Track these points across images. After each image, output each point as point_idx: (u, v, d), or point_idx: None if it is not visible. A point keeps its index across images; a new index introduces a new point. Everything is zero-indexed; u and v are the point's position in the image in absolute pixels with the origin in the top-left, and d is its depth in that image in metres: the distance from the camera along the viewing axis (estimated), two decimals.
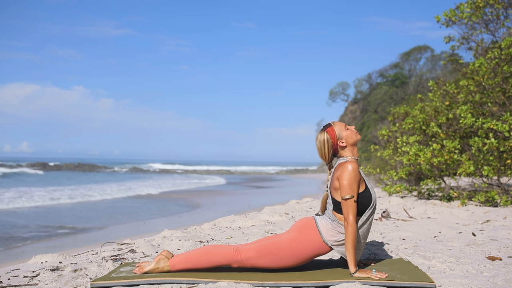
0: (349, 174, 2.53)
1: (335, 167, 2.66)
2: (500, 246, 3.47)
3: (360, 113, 53.08)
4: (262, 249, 2.57)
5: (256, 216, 5.70)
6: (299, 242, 2.56)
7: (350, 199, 2.50)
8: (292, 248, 2.56)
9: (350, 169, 2.53)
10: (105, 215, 10.86)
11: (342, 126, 2.70)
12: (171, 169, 54.70)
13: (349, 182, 2.51)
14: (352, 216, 2.49)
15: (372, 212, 2.61)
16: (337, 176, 2.57)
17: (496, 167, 6.50)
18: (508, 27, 8.80)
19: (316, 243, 2.57)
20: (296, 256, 2.57)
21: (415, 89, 41.49)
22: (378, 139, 14.49)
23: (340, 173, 2.55)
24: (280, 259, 2.56)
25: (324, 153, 2.69)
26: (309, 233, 2.58)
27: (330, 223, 2.60)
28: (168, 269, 2.58)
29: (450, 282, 2.44)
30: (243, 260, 2.57)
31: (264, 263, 2.57)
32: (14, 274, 2.70)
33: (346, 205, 2.51)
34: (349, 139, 2.68)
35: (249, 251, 2.57)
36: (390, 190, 8.16)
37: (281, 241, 2.58)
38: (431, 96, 8.42)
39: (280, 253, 2.56)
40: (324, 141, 2.68)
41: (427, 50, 47.85)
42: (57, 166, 52.10)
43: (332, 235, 2.57)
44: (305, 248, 2.57)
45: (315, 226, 2.60)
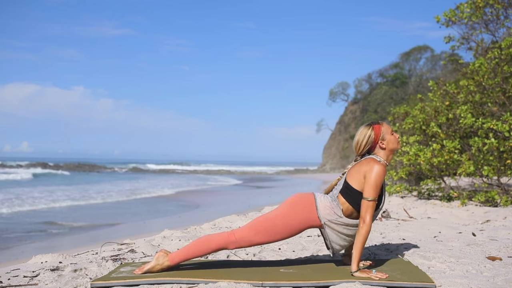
0: (378, 176, 2.55)
1: (364, 159, 2.66)
2: (500, 246, 3.47)
3: (360, 113, 53.07)
4: (256, 227, 2.62)
5: (256, 216, 5.70)
6: (292, 216, 2.61)
7: (372, 201, 2.53)
8: (286, 223, 2.61)
9: (380, 172, 2.56)
10: (106, 215, 10.87)
11: (389, 129, 2.71)
12: (170, 169, 54.68)
13: (376, 184, 2.54)
14: (369, 217, 2.52)
15: (376, 214, 2.66)
16: (364, 172, 2.58)
17: (496, 167, 6.51)
18: (508, 27, 8.81)
19: (310, 217, 2.62)
20: (290, 230, 2.62)
21: (415, 89, 41.50)
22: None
23: (369, 172, 2.56)
24: (275, 234, 2.62)
25: (360, 146, 2.70)
26: (304, 207, 2.62)
27: (329, 202, 2.64)
28: (167, 264, 2.61)
29: (450, 282, 2.44)
30: (238, 240, 2.62)
31: (259, 240, 2.62)
32: (14, 274, 2.70)
33: (366, 205, 2.53)
34: (390, 144, 2.69)
35: (243, 231, 2.63)
36: (390, 190, 8.16)
37: (274, 217, 2.63)
38: (431, 96, 8.42)
39: (274, 229, 2.61)
40: (366, 135, 2.68)
41: (427, 50, 47.87)
42: (57, 166, 52.09)
43: (328, 214, 2.61)
44: (298, 222, 2.61)
45: (313, 202, 2.64)
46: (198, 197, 14.87)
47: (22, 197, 14.91)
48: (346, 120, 55.86)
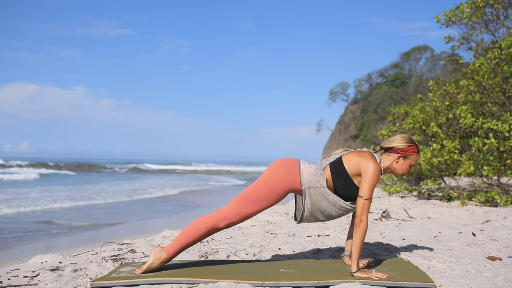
0: (375, 177, 2.57)
1: (366, 152, 2.69)
2: (500, 246, 3.47)
3: (360, 113, 53.09)
4: (242, 200, 2.65)
5: (256, 216, 5.70)
6: (275, 181, 2.64)
7: (368, 200, 2.55)
8: (269, 188, 2.64)
9: (376, 171, 2.58)
10: (106, 215, 10.87)
11: (414, 160, 2.73)
12: (170, 169, 54.66)
13: (373, 183, 2.58)
14: (366, 216, 2.54)
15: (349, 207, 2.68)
16: (362, 166, 2.59)
17: (496, 167, 6.51)
18: (508, 27, 8.81)
19: (292, 181, 2.64)
20: (274, 195, 2.64)
21: (415, 89, 41.49)
22: (378, 139, 14.50)
23: (367, 170, 2.57)
24: (261, 202, 2.64)
25: (390, 142, 2.73)
26: (286, 171, 2.65)
27: (315, 170, 2.67)
28: (165, 256, 2.63)
29: (450, 282, 2.44)
30: (227, 216, 2.64)
31: (247, 211, 2.64)
32: (14, 274, 2.70)
33: (363, 204, 2.55)
34: (400, 167, 2.73)
35: (230, 206, 2.66)
36: (390, 190, 8.16)
37: (258, 185, 2.66)
38: (431, 96, 8.43)
39: (259, 197, 2.64)
40: (403, 141, 2.70)
41: (427, 50, 47.89)
42: (57, 166, 52.09)
43: (309, 180, 2.63)
44: (281, 186, 2.64)
45: (297, 166, 2.67)
46: (198, 197, 14.88)
47: (28, 197, 14.94)
48: (346, 120, 55.87)
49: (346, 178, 2.64)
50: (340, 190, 2.65)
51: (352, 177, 2.64)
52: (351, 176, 2.63)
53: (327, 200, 2.64)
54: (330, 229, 4.45)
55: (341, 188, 2.65)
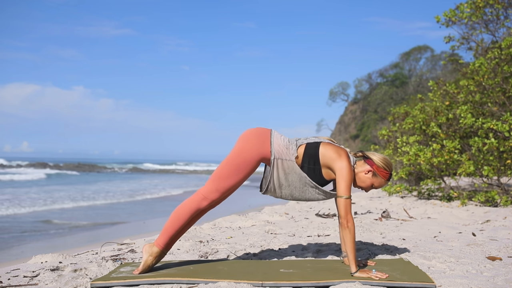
0: (350, 176, 2.59)
1: (342, 149, 2.69)
2: (500, 246, 3.47)
3: (360, 113, 53.09)
4: (217, 175, 2.66)
5: (256, 216, 5.70)
6: (247, 151, 2.65)
7: (348, 199, 2.56)
8: (243, 158, 2.64)
9: (351, 173, 2.60)
10: (107, 215, 10.87)
11: (379, 183, 2.75)
12: (170, 170, 54.65)
13: (349, 182, 2.59)
14: (350, 215, 2.55)
15: (320, 192, 2.71)
16: (336, 165, 2.60)
17: (496, 167, 6.51)
18: (508, 27, 8.81)
19: (263, 150, 2.65)
20: (247, 164, 2.64)
21: (415, 89, 41.50)
22: (378, 139, 14.50)
23: (342, 169, 2.59)
24: (236, 173, 2.64)
25: (372, 154, 2.75)
26: (257, 140, 2.66)
27: (286, 142, 2.70)
28: (157, 249, 2.64)
29: (450, 282, 2.44)
30: (207, 195, 2.65)
31: (226, 184, 2.65)
32: (14, 274, 2.70)
33: (344, 204, 2.55)
34: (363, 181, 2.75)
35: (208, 184, 2.67)
36: (390, 190, 8.16)
37: (230, 158, 2.66)
38: (431, 96, 8.43)
39: (233, 169, 2.64)
40: (381, 159, 2.72)
41: (427, 50, 47.89)
42: (57, 166, 52.08)
43: (279, 152, 2.65)
44: (252, 155, 2.64)
45: (268, 136, 2.68)
46: None
47: (34, 197, 15.01)
48: (346, 120, 55.86)
49: (315, 163, 2.66)
50: (306, 171, 2.68)
51: (322, 166, 2.66)
52: (321, 165, 2.66)
53: (294, 173, 2.66)
54: (330, 229, 4.45)
55: (307, 170, 2.67)
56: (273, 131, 2.73)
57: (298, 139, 2.77)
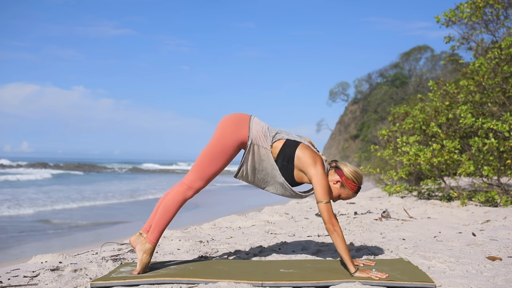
0: (325, 181, 2.60)
1: (319, 155, 2.69)
2: (500, 246, 3.47)
3: (360, 113, 53.06)
4: (199, 164, 2.67)
5: (256, 216, 5.70)
6: (227, 136, 2.66)
7: (328, 203, 2.56)
8: (222, 145, 2.65)
9: (326, 178, 2.61)
10: (107, 215, 10.87)
11: (346, 194, 2.73)
12: (170, 170, 54.63)
13: (326, 187, 2.59)
14: (334, 218, 2.56)
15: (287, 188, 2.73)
16: (313, 174, 2.60)
17: (496, 167, 6.50)
18: (508, 27, 8.81)
19: (242, 135, 2.66)
20: (227, 150, 2.65)
21: (415, 89, 41.49)
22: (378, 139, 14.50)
23: (317, 176, 2.60)
24: (217, 160, 2.65)
25: (343, 164, 2.75)
26: (236, 125, 2.67)
27: (265, 130, 2.71)
28: (149, 246, 2.65)
29: (450, 282, 2.44)
30: (191, 185, 2.66)
31: (208, 172, 2.66)
32: (14, 274, 2.70)
33: (326, 208, 2.55)
34: (335, 191, 2.72)
35: (191, 174, 2.68)
36: (390, 190, 8.16)
37: (211, 145, 2.68)
38: (431, 96, 8.42)
39: (214, 156, 2.65)
40: (352, 171, 2.71)
41: (427, 50, 47.85)
42: (57, 166, 52.06)
43: (256, 138, 2.67)
44: (232, 141, 2.65)
45: (247, 121, 2.69)
46: (198, 197, 14.84)
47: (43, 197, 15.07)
48: (346, 120, 55.84)
49: (289, 162, 2.67)
50: (279, 166, 2.69)
51: (295, 167, 2.67)
52: (295, 165, 2.66)
53: (268, 163, 2.68)
54: None
55: (280, 166, 2.68)
56: (253, 117, 2.74)
57: (279, 131, 2.77)
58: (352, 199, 8.04)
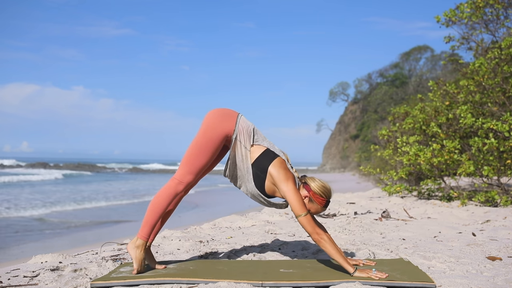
0: (297, 195, 2.59)
1: (290, 172, 2.69)
2: (500, 246, 3.47)
3: (360, 113, 53.07)
4: (188, 158, 2.67)
5: (256, 216, 5.70)
6: (211, 130, 2.68)
7: (308, 215, 2.55)
8: (209, 137, 2.66)
9: (297, 191, 2.61)
10: (107, 215, 10.87)
11: (315, 209, 2.70)
12: (170, 170, 54.64)
13: (300, 201, 2.58)
14: (317, 228, 2.55)
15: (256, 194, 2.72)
16: (284, 191, 2.60)
17: (496, 167, 6.50)
18: (508, 27, 8.81)
19: (228, 129, 2.68)
20: (215, 142, 2.67)
21: (415, 89, 41.48)
22: (378, 139, 14.49)
23: (289, 193, 2.59)
24: (205, 152, 2.66)
25: (311, 179, 2.73)
26: (222, 119, 2.70)
27: (250, 131, 2.73)
28: (141, 241, 2.64)
29: (450, 282, 2.44)
30: (181, 179, 2.66)
31: (197, 166, 2.67)
32: (14, 274, 2.70)
33: (306, 220, 2.54)
34: (310, 207, 2.70)
35: (181, 169, 2.69)
36: (390, 190, 8.16)
37: (198, 138, 2.69)
38: (431, 96, 8.42)
39: (201, 148, 2.66)
40: (319, 186, 2.69)
41: (427, 50, 47.84)
42: (57, 166, 52.05)
43: (240, 133, 2.69)
44: (218, 133, 2.67)
45: (235, 117, 2.72)
46: (198, 197, 14.87)
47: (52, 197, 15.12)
48: (346, 120, 55.84)
49: (262, 173, 2.67)
50: (253, 172, 2.69)
51: (267, 179, 2.67)
52: (267, 178, 2.66)
53: (245, 162, 2.69)
54: (330, 229, 4.45)
55: (254, 173, 2.69)
56: (241, 115, 2.77)
57: (264, 138, 2.78)
58: (352, 199, 8.04)
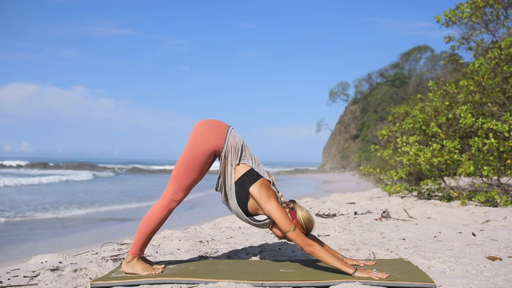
0: (281, 211, 2.56)
1: (276, 193, 2.67)
2: (500, 246, 3.47)
3: (360, 113, 53.07)
4: (177, 176, 2.63)
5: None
6: (198, 146, 2.62)
7: (295, 230, 2.53)
8: (196, 155, 2.61)
9: (281, 209, 2.58)
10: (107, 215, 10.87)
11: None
12: (170, 170, 54.65)
13: (284, 217, 2.55)
14: (308, 239, 2.53)
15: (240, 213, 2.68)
16: (267, 210, 2.57)
17: (496, 167, 6.50)
18: (508, 27, 8.81)
19: (216, 144, 2.63)
20: (203, 158, 2.62)
21: (415, 89, 41.49)
22: (378, 139, 14.49)
23: (272, 212, 2.56)
24: (194, 168, 2.62)
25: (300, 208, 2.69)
26: (211, 134, 2.63)
27: (239, 147, 2.66)
28: (132, 257, 2.63)
29: (450, 282, 2.44)
30: (173, 197, 2.64)
31: (186, 183, 2.63)
32: (14, 274, 2.70)
33: (295, 235, 2.52)
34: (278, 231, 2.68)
35: (171, 186, 2.65)
36: (390, 190, 8.16)
37: (184, 157, 2.63)
38: (431, 96, 8.42)
39: (190, 164, 2.61)
40: (304, 218, 2.65)
41: (427, 50, 47.86)
42: (57, 166, 52.06)
43: (229, 150, 2.64)
44: (205, 150, 2.62)
45: (224, 131, 2.66)
46: (198, 197, 14.87)
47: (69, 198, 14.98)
48: (346, 120, 55.84)
49: (245, 192, 2.63)
50: (235, 190, 2.65)
51: (250, 198, 2.63)
52: (250, 197, 2.63)
53: (229, 180, 2.65)
54: (330, 229, 4.45)
55: (236, 191, 2.64)
56: (231, 128, 2.70)
57: (251, 155, 2.72)
58: (352, 199, 8.03)
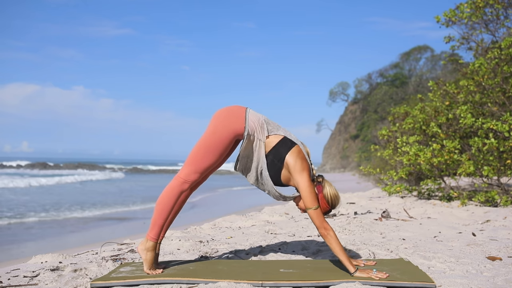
0: (310, 187, 2.60)
1: (307, 163, 2.68)
2: (500, 246, 3.47)
3: (360, 113, 53.05)
4: (194, 157, 2.64)
5: (256, 216, 5.70)
6: (222, 128, 2.64)
7: (317, 209, 2.56)
8: (218, 137, 2.63)
9: (310, 185, 2.61)
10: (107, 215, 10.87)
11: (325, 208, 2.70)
12: (170, 170, 54.61)
13: (312, 193, 2.59)
14: (326, 222, 2.55)
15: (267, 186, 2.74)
16: (298, 182, 2.61)
17: (496, 167, 6.50)
18: (508, 27, 8.80)
19: (237, 128, 2.64)
20: (224, 143, 2.64)
21: (415, 89, 41.47)
22: (378, 139, 14.48)
23: (302, 184, 2.60)
24: (213, 152, 2.63)
25: (328, 184, 2.74)
26: (231, 119, 2.66)
27: (262, 121, 2.69)
28: (151, 243, 2.65)
29: (450, 282, 2.44)
30: (186, 178, 2.64)
31: (203, 166, 2.64)
32: (14, 274, 2.70)
33: (315, 214, 2.56)
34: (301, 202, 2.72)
35: (186, 167, 2.65)
36: (390, 190, 8.16)
37: (206, 137, 2.65)
38: (431, 96, 8.42)
39: (210, 148, 2.62)
40: (330, 193, 2.70)
41: (427, 50, 47.82)
42: (57, 166, 52.05)
43: (252, 128, 2.65)
44: (228, 133, 2.63)
45: (243, 114, 2.67)
46: (197, 197, 14.86)
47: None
48: (346, 120, 55.82)
49: (279, 161, 2.66)
50: (268, 161, 2.67)
51: (284, 167, 2.66)
52: (284, 166, 2.65)
53: (258, 153, 2.67)
54: None
55: (270, 161, 2.67)
56: (249, 109, 2.73)
57: (279, 127, 2.75)
58: (352, 199, 8.03)
